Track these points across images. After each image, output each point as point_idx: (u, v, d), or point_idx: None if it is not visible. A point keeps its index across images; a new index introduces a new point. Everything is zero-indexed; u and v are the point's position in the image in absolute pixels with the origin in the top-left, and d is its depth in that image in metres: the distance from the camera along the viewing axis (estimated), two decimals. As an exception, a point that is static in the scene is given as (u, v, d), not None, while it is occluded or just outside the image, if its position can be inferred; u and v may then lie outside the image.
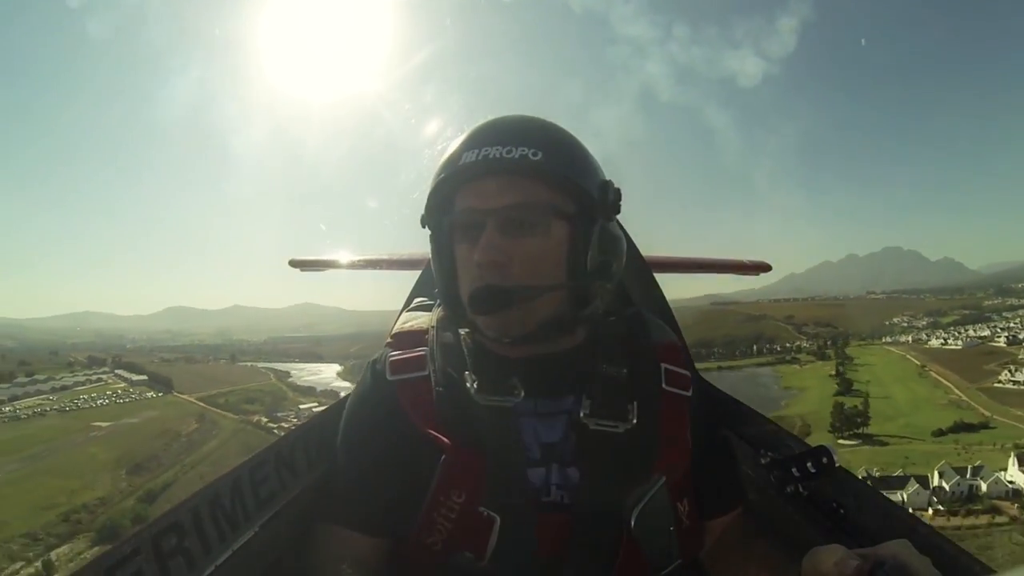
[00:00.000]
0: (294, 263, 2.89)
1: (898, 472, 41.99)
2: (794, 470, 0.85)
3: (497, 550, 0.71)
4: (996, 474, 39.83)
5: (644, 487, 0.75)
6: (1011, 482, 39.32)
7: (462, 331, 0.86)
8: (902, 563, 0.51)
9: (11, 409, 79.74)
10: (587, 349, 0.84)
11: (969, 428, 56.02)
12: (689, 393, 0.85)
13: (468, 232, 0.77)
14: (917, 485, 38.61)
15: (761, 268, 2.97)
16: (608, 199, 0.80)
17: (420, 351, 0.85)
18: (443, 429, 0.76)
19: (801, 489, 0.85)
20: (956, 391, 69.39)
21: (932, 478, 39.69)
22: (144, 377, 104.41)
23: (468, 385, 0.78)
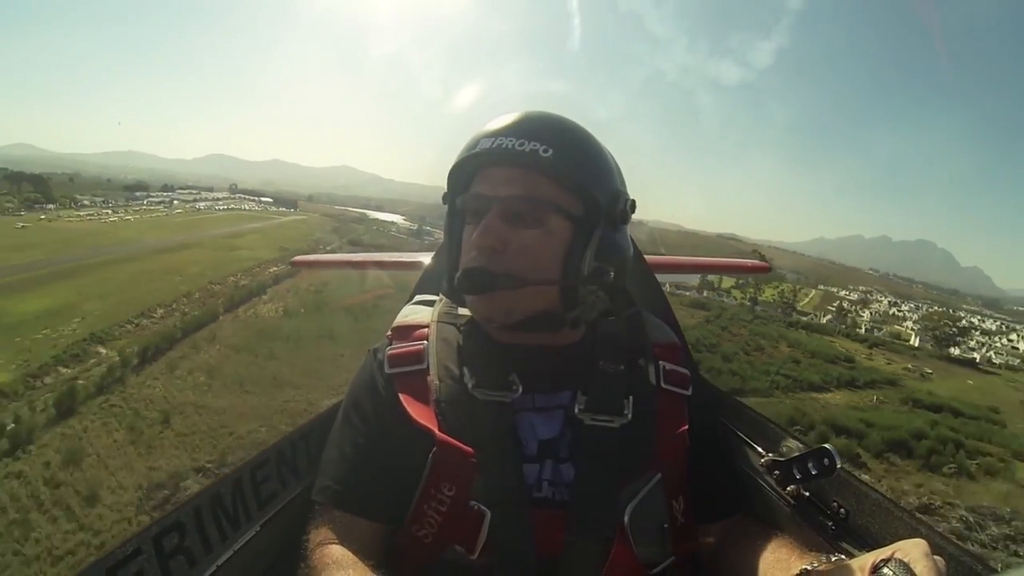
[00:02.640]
0: (295, 263, 3.02)
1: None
2: (795, 471, 0.84)
3: (488, 545, 0.71)
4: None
5: (639, 483, 0.75)
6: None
7: (462, 327, 0.87)
8: (907, 562, 0.50)
9: (202, 206, 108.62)
10: (585, 346, 0.85)
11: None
12: (688, 392, 0.85)
13: (475, 216, 0.80)
14: (696, 291, 71.73)
15: (761, 269, 3.14)
16: (616, 208, 0.81)
17: (419, 345, 0.85)
18: (438, 422, 0.76)
19: (802, 490, 0.84)
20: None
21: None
22: (270, 200, 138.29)
23: (466, 380, 0.79)
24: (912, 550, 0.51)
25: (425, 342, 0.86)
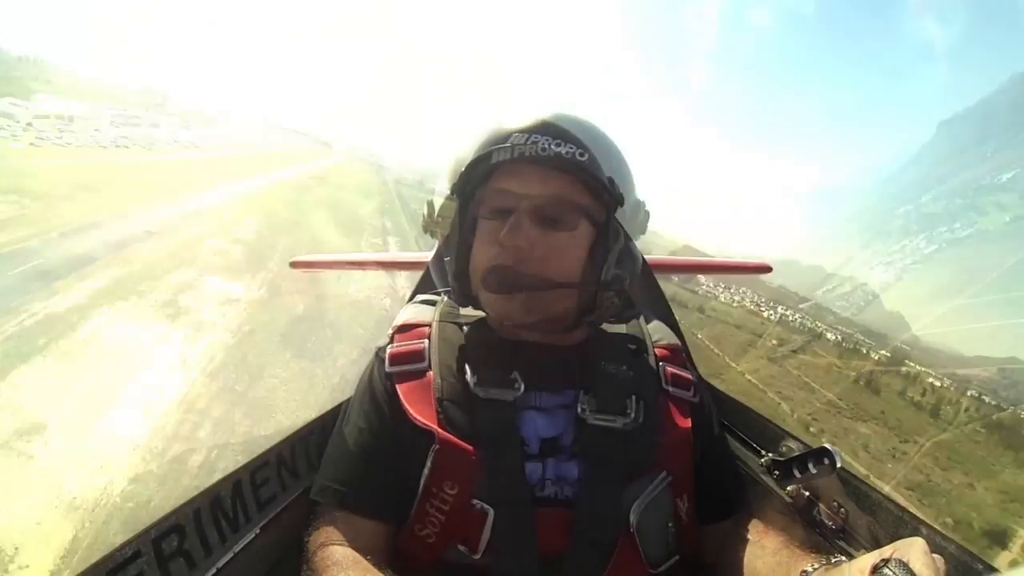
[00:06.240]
0: (295, 264, 2.93)
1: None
2: (795, 471, 0.84)
3: (491, 544, 0.69)
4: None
5: (644, 482, 0.74)
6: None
7: (464, 326, 0.87)
8: (906, 562, 0.50)
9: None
10: (588, 346, 0.85)
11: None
12: (691, 392, 0.85)
13: (497, 213, 0.78)
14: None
15: (762, 269, 3.17)
16: (638, 218, 0.83)
17: (420, 343, 0.84)
18: (439, 421, 0.75)
19: (802, 490, 0.84)
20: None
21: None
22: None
23: (468, 378, 0.78)
24: (912, 549, 0.51)
25: (426, 340, 0.84)
